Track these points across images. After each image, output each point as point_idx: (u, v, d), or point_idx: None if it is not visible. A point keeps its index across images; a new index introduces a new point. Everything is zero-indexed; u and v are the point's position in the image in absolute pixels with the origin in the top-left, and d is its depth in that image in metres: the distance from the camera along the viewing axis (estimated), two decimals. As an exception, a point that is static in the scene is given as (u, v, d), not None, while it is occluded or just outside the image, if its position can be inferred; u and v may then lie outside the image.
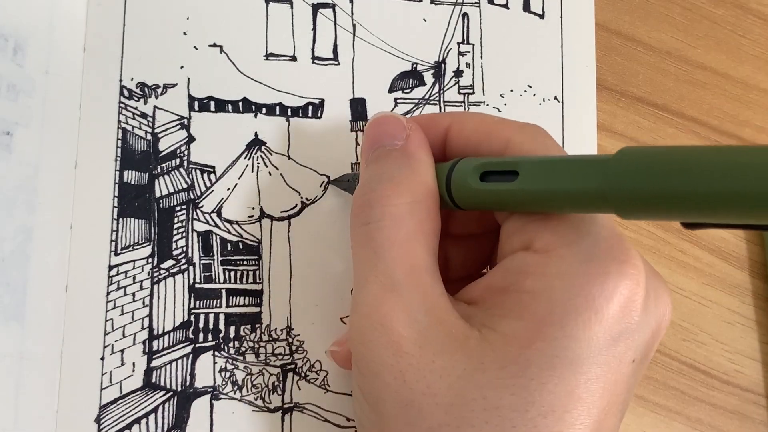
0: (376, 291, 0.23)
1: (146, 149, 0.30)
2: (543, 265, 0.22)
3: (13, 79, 0.28)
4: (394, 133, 0.26)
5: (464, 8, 0.34)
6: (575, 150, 0.34)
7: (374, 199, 0.24)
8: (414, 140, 0.26)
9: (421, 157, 0.26)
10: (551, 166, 0.22)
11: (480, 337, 0.22)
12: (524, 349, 0.21)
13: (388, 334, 0.23)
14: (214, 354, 0.29)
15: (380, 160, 0.26)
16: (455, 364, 0.22)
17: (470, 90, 0.34)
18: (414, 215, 0.24)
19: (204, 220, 0.30)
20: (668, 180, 0.18)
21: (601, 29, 0.36)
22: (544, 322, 0.21)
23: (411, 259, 0.24)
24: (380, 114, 0.27)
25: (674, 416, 0.34)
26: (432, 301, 0.23)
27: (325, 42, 0.33)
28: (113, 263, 0.29)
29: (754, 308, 0.36)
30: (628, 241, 0.23)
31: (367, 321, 0.23)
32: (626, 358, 0.22)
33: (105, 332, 0.29)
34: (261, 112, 0.32)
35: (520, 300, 0.22)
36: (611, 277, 0.21)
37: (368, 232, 0.24)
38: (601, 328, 0.21)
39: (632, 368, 0.23)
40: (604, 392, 0.22)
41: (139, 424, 0.28)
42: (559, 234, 0.23)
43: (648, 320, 0.23)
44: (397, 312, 0.23)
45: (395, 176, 0.25)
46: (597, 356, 0.21)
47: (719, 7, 0.38)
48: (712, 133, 0.37)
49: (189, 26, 0.31)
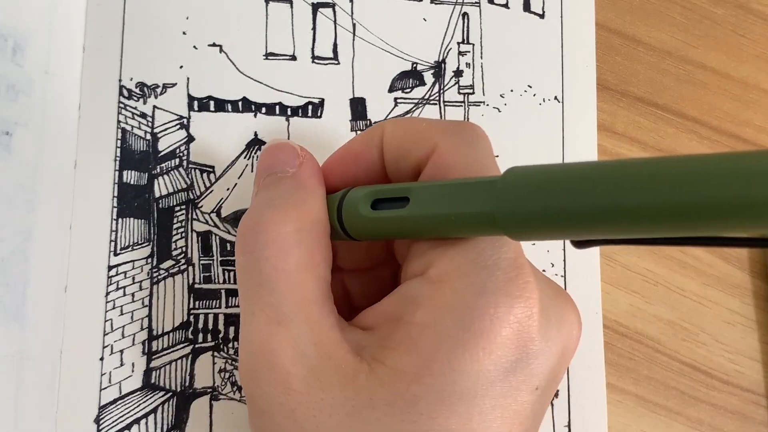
0: (263, 325, 0.23)
1: (146, 149, 0.30)
2: (435, 297, 0.22)
3: (12, 79, 0.28)
4: (287, 160, 0.26)
5: (464, 8, 0.34)
6: (576, 150, 0.34)
7: (260, 225, 0.23)
8: (306, 168, 0.25)
9: (311, 186, 0.25)
10: (441, 190, 0.22)
11: (369, 371, 0.22)
12: (412, 384, 0.21)
13: (275, 371, 0.22)
14: (213, 354, 0.29)
15: (270, 187, 0.25)
16: (344, 401, 0.21)
17: (470, 90, 0.34)
18: (301, 245, 0.23)
19: (203, 220, 0.30)
20: (551, 199, 0.18)
21: (601, 29, 0.36)
22: (432, 358, 0.21)
23: (299, 291, 0.23)
24: (274, 141, 0.27)
25: (674, 416, 0.34)
26: (321, 334, 0.22)
27: (325, 41, 0.33)
28: (112, 263, 0.29)
29: (754, 308, 0.36)
30: (527, 269, 0.22)
31: (254, 358, 0.23)
32: (527, 386, 0.22)
33: (104, 332, 0.29)
34: (261, 111, 0.31)
35: (409, 332, 0.22)
36: (501, 310, 0.21)
37: (253, 262, 0.23)
38: (490, 362, 0.21)
39: (536, 396, 0.22)
40: (503, 423, 0.21)
41: (139, 424, 0.28)
42: (456, 263, 0.22)
43: (549, 346, 0.22)
44: (285, 347, 0.22)
45: (283, 203, 0.24)
46: (490, 388, 0.21)
47: (719, 6, 0.38)
48: (713, 133, 0.37)
49: (188, 26, 0.31)
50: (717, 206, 0.15)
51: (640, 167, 0.16)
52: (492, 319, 0.21)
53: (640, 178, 0.16)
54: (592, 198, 0.17)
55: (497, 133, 0.34)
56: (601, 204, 0.17)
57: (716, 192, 0.15)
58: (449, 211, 0.21)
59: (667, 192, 0.15)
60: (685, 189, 0.15)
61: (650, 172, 0.16)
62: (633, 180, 0.16)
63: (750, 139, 0.37)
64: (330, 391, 0.22)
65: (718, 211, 0.15)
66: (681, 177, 0.15)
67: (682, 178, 0.15)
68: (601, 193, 0.17)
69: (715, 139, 0.37)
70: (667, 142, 0.36)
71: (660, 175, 0.16)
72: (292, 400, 0.22)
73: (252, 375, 0.23)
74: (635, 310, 0.35)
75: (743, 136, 0.37)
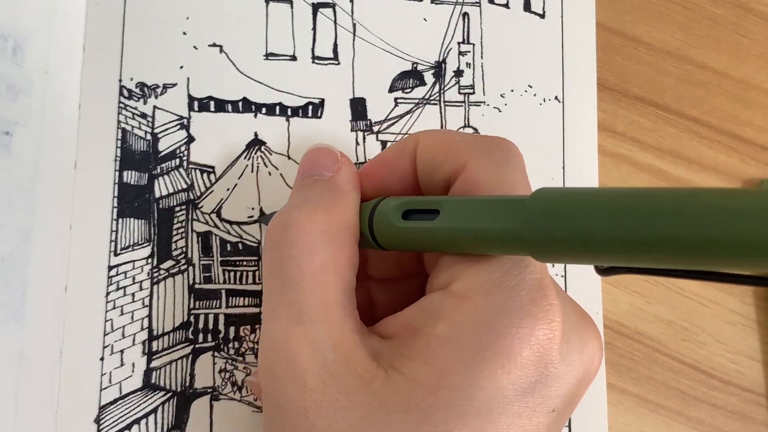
0: (284, 323, 0.23)
1: (146, 149, 0.30)
2: (457, 312, 0.22)
3: (12, 79, 0.28)
4: (326, 164, 0.26)
5: (465, 8, 0.34)
6: (576, 150, 0.34)
7: (288, 223, 0.24)
8: (343, 173, 0.26)
9: (346, 190, 0.25)
10: (471, 205, 0.22)
11: (386, 377, 0.22)
12: (429, 396, 0.21)
13: (293, 369, 0.22)
14: (213, 354, 0.29)
15: (306, 188, 0.26)
16: (359, 404, 0.21)
17: (470, 90, 0.34)
18: (328, 246, 0.23)
19: (204, 220, 0.30)
20: (578, 223, 0.17)
21: (601, 29, 0.36)
22: (450, 371, 0.21)
23: (321, 292, 0.23)
24: (317, 145, 0.27)
25: (675, 416, 0.34)
26: (340, 336, 0.23)
27: (325, 41, 0.33)
28: (113, 263, 0.29)
29: (754, 308, 0.36)
30: (552, 291, 0.22)
31: (273, 354, 0.23)
32: (543, 408, 0.22)
33: (104, 333, 0.29)
34: (261, 112, 0.31)
35: (428, 344, 0.22)
36: (522, 331, 0.21)
37: (279, 259, 0.24)
38: (509, 381, 0.21)
39: (552, 417, 0.22)
40: None
41: (139, 424, 0.28)
42: (481, 280, 0.22)
43: (569, 370, 0.22)
44: (303, 346, 0.22)
45: (315, 205, 0.24)
46: (507, 407, 0.21)
47: (720, 6, 0.38)
48: (713, 133, 0.37)
49: (189, 26, 0.31)
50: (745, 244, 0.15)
51: (670, 198, 0.16)
52: (513, 339, 0.21)
53: (668, 209, 0.16)
54: (619, 225, 0.17)
55: (497, 133, 0.34)
56: (628, 233, 0.16)
57: (744, 231, 0.15)
58: (477, 227, 0.21)
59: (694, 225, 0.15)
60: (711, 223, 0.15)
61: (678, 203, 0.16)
62: (662, 211, 0.16)
63: (750, 139, 0.37)
64: (345, 392, 0.22)
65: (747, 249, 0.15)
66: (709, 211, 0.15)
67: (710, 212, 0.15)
68: (630, 222, 0.16)
69: (716, 139, 0.37)
70: (667, 142, 0.36)
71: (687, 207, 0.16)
72: (307, 397, 0.22)
73: (270, 371, 0.23)
74: (636, 310, 0.35)
75: (743, 136, 0.37)
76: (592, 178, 0.34)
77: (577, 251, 0.18)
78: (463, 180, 0.24)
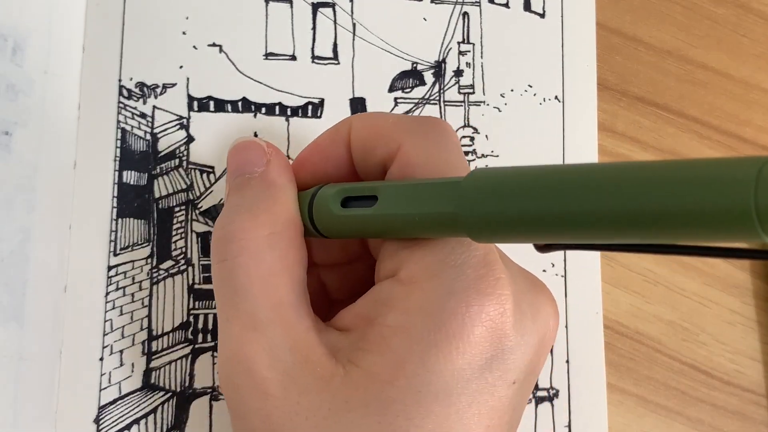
0: (238, 331, 0.22)
1: (145, 149, 0.30)
2: (405, 299, 0.22)
3: (12, 78, 0.28)
4: (254, 159, 0.25)
5: (464, 7, 0.34)
6: (576, 150, 0.34)
7: (231, 232, 0.23)
8: (274, 166, 0.25)
9: (281, 184, 0.25)
10: (407, 189, 0.22)
11: (345, 373, 0.22)
12: (386, 386, 0.21)
13: (252, 377, 0.22)
14: (213, 354, 0.29)
15: (239, 190, 0.25)
16: (321, 404, 0.21)
17: (470, 90, 0.34)
18: (274, 248, 0.23)
19: (203, 220, 0.30)
20: (512, 202, 0.18)
21: (601, 29, 0.36)
22: (405, 359, 0.21)
23: (273, 295, 0.23)
24: (240, 139, 0.26)
25: (675, 416, 0.34)
26: (297, 338, 0.22)
27: (324, 41, 0.33)
28: (112, 264, 0.29)
29: (755, 308, 0.36)
30: (498, 265, 0.22)
31: (231, 364, 0.23)
32: (503, 381, 0.22)
33: (104, 333, 0.29)
34: (260, 111, 0.31)
35: (382, 334, 0.22)
36: (472, 310, 0.21)
37: (227, 269, 0.23)
38: (464, 361, 0.21)
39: (514, 389, 0.22)
40: (481, 419, 0.21)
41: (138, 424, 0.28)
42: (425, 264, 0.22)
43: (526, 340, 0.22)
44: (260, 353, 0.22)
45: (253, 207, 0.24)
46: (466, 386, 0.21)
47: (720, 6, 0.38)
48: (713, 133, 0.37)
49: (188, 26, 0.31)
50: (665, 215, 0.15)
51: (600, 172, 0.16)
52: (464, 319, 0.21)
53: (598, 183, 0.16)
54: (551, 202, 0.17)
55: (497, 133, 0.34)
56: (558, 209, 0.17)
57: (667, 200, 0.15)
58: (414, 211, 0.21)
59: (624, 198, 0.15)
60: (635, 195, 0.15)
61: (608, 178, 0.16)
62: (591, 185, 0.16)
63: (750, 139, 0.37)
64: (306, 394, 0.22)
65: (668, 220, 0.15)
66: (641, 183, 0.15)
67: (639, 184, 0.15)
68: (559, 198, 0.17)
69: (716, 139, 0.37)
70: (667, 142, 0.36)
71: (618, 180, 0.16)
72: (269, 404, 0.22)
73: (229, 381, 0.23)
74: (636, 310, 0.35)
75: (744, 136, 0.37)
76: (592, 178, 0.34)
77: (512, 230, 0.18)
78: (398, 163, 0.23)
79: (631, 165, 0.16)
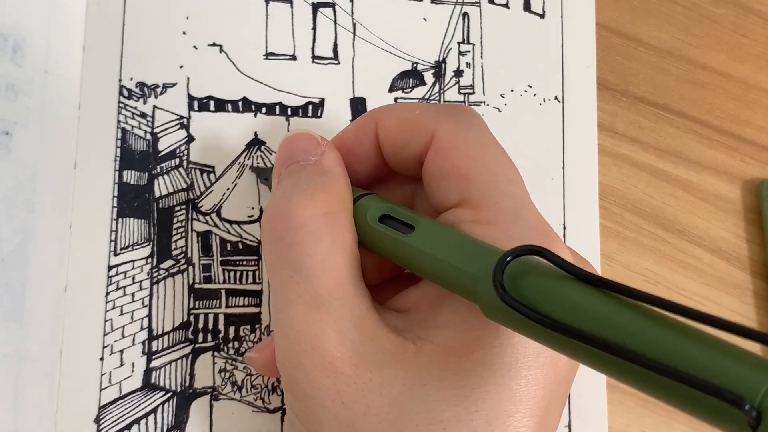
0: (302, 311, 0.22)
1: (146, 149, 0.30)
2: None
3: (12, 78, 0.28)
4: (308, 149, 0.25)
5: (464, 8, 0.34)
6: (576, 150, 0.34)
7: (288, 210, 0.23)
8: (329, 156, 0.25)
9: (336, 171, 0.25)
10: (446, 235, 0.22)
11: (416, 349, 0.22)
12: (463, 359, 0.21)
13: (321, 356, 0.22)
14: (213, 354, 0.29)
15: (293, 175, 0.25)
16: (394, 379, 0.21)
17: (470, 90, 0.34)
18: (332, 227, 0.23)
19: (203, 220, 0.30)
20: (533, 316, 0.18)
21: (601, 29, 0.36)
22: (482, 332, 0.21)
23: (334, 274, 0.23)
24: (294, 131, 0.26)
25: (675, 416, 0.34)
26: (361, 316, 0.22)
27: (325, 41, 0.33)
28: (112, 263, 0.29)
29: (755, 308, 0.36)
30: (559, 241, 0.23)
31: (297, 344, 0.22)
32: (564, 356, 0.22)
33: (104, 332, 0.29)
34: (261, 111, 0.31)
35: (457, 310, 0.22)
36: None
37: (284, 249, 0.23)
38: None
39: (569, 365, 0.23)
40: (545, 392, 0.22)
41: (139, 424, 0.28)
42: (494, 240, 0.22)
43: None
44: (328, 331, 0.22)
45: (310, 188, 0.24)
46: (535, 359, 0.22)
47: (720, 6, 0.38)
48: (713, 133, 0.37)
49: (188, 26, 0.31)
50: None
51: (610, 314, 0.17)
52: None
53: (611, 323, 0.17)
54: (576, 344, 0.17)
55: (497, 133, 0.34)
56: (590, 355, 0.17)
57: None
58: (443, 258, 0.21)
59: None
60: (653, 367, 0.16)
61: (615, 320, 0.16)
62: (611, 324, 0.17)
63: (750, 139, 0.37)
64: (378, 371, 0.22)
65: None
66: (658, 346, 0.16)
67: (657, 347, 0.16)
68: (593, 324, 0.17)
69: (716, 139, 0.37)
70: (667, 142, 0.36)
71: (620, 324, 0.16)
72: (340, 382, 0.22)
73: (295, 361, 0.22)
74: (636, 310, 0.35)
75: (743, 136, 0.37)
76: (592, 178, 0.34)
77: (523, 332, 0.19)
78: (435, 149, 0.24)
79: (652, 324, 0.17)
